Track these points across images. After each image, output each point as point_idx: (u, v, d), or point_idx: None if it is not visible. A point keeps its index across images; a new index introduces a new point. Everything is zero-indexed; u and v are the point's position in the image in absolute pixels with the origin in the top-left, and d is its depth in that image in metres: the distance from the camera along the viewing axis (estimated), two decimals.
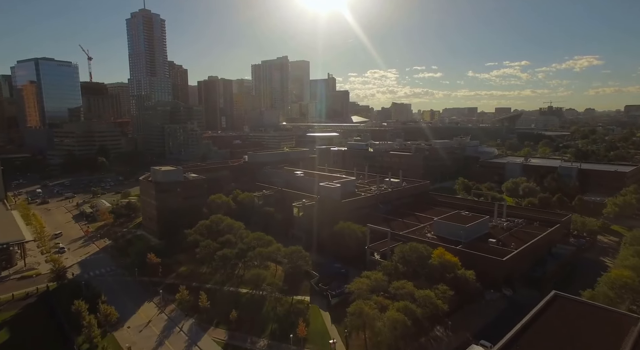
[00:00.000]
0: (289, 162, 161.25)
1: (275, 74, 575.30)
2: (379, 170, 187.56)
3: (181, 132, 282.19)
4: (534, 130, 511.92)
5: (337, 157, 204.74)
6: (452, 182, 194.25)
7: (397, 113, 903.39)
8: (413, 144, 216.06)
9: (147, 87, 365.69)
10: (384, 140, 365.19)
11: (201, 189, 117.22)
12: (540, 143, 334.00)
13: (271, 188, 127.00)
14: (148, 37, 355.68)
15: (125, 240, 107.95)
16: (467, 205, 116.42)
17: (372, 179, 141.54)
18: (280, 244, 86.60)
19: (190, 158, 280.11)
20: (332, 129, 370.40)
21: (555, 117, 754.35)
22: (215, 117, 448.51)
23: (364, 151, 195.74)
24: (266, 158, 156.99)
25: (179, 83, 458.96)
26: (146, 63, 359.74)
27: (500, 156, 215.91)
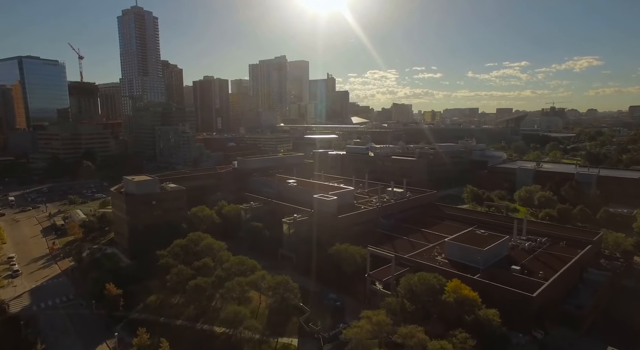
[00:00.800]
0: (283, 168, 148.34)
1: (274, 74, 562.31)
2: (380, 176, 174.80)
3: (172, 134, 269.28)
4: (538, 131, 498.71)
5: (336, 161, 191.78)
6: (458, 189, 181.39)
7: (398, 114, 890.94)
8: (416, 148, 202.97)
9: (139, 87, 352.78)
10: (384, 142, 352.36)
11: (180, 202, 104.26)
12: (547, 145, 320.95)
13: (260, 199, 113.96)
14: (140, 35, 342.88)
15: (91, 260, 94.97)
16: (479, 219, 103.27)
17: (373, 188, 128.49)
18: (264, 272, 73.55)
19: (181, 162, 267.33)
20: (331, 130, 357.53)
21: (558, 118, 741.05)
22: (210, 118, 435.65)
23: (364, 156, 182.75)
24: (257, 164, 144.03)
25: (173, 83, 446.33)
26: (138, 62, 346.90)
27: (509, 161, 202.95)
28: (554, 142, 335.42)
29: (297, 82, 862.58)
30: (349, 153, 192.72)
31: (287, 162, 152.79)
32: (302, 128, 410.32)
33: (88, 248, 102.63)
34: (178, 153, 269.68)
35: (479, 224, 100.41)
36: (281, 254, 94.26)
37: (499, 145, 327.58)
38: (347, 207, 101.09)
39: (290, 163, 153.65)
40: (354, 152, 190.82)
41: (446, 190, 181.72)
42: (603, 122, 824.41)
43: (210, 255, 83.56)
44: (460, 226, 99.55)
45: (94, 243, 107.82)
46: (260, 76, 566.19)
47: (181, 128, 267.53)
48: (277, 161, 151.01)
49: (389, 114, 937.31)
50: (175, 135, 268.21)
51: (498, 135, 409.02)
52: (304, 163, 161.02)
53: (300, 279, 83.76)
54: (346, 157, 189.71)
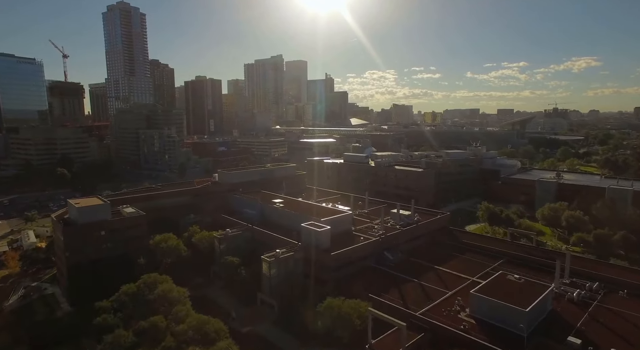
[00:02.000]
0: (271, 182, 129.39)
1: (270, 73, 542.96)
2: (382, 188, 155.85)
3: (157, 138, 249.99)
4: (543, 133, 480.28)
5: (332, 171, 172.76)
6: (468, 203, 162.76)
7: (398, 115, 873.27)
8: (422, 157, 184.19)
9: (125, 87, 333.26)
10: (385, 146, 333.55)
11: (139, 230, 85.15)
12: (558, 151, 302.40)
13: (240, 224, 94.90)
14: (126, 32, 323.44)
15: (21, 306, 75.77)
16: (505, 252, 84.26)
17: (374, 207, 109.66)
18: (230, 341, 54.53)
19: (166, 168, 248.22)
20: (329, 133, 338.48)
21: (562, 120, 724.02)
22: (203, 120, 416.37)
23: (363, 166, 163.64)
24: (241, 178, 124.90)
25: (164, 83, 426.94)
26: (124, 61, 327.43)
27: (524, 170, 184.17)
28: (565, 147, 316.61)
29: (296, 82, 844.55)
30: (347, 162, 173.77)
31: (275, 175, 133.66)
32: (299, 131, 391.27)
33: (24, 287, 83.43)
34: (163, 159, 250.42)
35: (504, 257, 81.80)
36: (261, 299, 75.35)
37: (507, 150, 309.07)
38: (343, 237, 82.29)
39: (280, 176, 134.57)
40: (352, 161, 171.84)
41: (456, 203, 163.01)
42: (607, 124, 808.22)
43: (166, 305, 64.85)
44: (483, 261, 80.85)
45: (35, 278, 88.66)
46: (255, 76, 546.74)
47: (166, 132, 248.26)
48: (264, 174, 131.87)
49: (388, 115, 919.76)
50: (160, 140, 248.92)
51: (503, 139, 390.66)
52: (296, 175, 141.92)
53: (283, 336, 64.99)
54: (344, 167, 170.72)
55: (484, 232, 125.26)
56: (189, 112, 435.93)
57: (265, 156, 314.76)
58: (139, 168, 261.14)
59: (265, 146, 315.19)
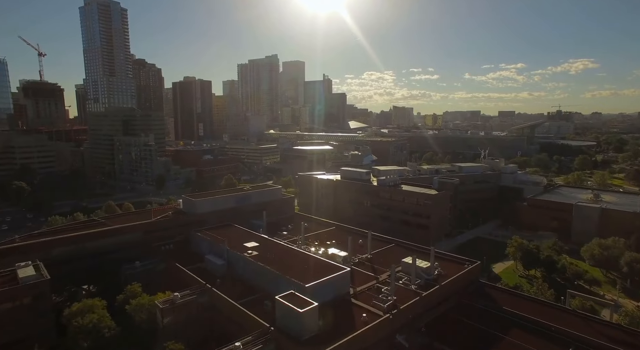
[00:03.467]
0: (250, 210, 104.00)
1: (264, 74, 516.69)
2: (386, 213, 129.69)
3: (133, 146, 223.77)
4: (551, 138, 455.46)
5: (327, 189, 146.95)
6: (488, 229, 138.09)
7: (398, 117, 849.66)
8: (431, 172, 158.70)
9: (104, 89, 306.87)
10: (386, 153, 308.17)
11: (40, 302, 59.10)
12: (576, 160, 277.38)
13: (196, 284, 69.15)
14: (105, 29, 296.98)
15: None
16: (565, 331, 58.35)
17: (379, 250, 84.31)
18: None
19: (143, 180, 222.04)
20: (326, 139, 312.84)
21: (568, 123, 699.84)
22: (191, 124, 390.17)
23: (364, 185, 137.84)
24: (211, 205, 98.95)
25: (151, 85, 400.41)
26: (103, 60, 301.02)
27: (551, 188, 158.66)
28: (583, 155, 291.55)
29: (293, 83, 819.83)
30: (345, 179, 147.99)
31: (255, 201, 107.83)
32: (294, 136, 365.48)
33: None
34: (140, 170, 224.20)
35: (567, 337, 56.21)
36: None
37: (519, 158, 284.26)
38: (336, 310, 56.82)
39: (261, 201, 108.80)
40: (351, 178, 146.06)
41: (474, 229, 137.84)
42: (611, 126, 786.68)
43: None
44: (539, 343, 55.32)
45: None
46: (249, 77, 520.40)
47: (143, 139, 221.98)
48: (241, 200, 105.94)
49: (388, 117, 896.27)
50: (136, 148, 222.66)
51: (512, 145, 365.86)
52: (282, 199, 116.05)
53: None
54: (341, 185, 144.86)
55: (518, 276, 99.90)
56: (176, 115, 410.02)
57: (256, 165, 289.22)
58: (114, 179, 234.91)
59: (256, 154, 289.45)
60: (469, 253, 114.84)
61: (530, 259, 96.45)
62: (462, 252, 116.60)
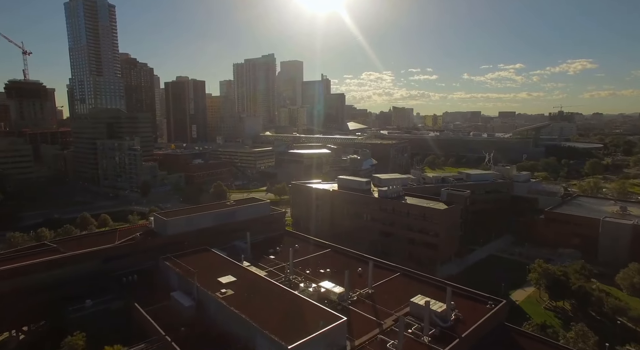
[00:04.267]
0: (233, 229, 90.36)
1: (261, 74, 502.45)
2: (388, 228, 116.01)
3: (117, 150, 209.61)
4: (555, 139, 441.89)
5: (323, 201, 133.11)
6: (501, 245, 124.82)
7: (398, 118, 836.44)
8: (437, 180, 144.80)
9: (90, 89, 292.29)
10: (387, 157, 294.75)
11: None
12: (587, 164, 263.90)
13: (155, 333, 55.27)
14: (91, 26, 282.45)
15: None
16: None
17: (383, 280, 70.75)
18: None
19: (127, 187, 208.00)
20: (324, 142, 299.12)
21: (571, 124, 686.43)
22: (184, 125, 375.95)
23: (363, 197, 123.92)
24: (186, 226, 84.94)
25: (142, 85, 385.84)
26: (89, 59, 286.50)
27: (568, 198, 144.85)
28: (594, 159, 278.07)
29: (291, 83, 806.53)
30: (343, 189, 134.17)
31: (239, 218, 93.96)
32: (290, 138, 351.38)
33: None
34: (124, 175, 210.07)
35: None
36: None
37: (526, 163, 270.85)
38: None
39: (247, 219, 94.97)
40: (349, 188, 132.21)
41: (484, 246, 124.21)
42: (614, 127, 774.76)
43: None
44: None
45: None
46: (245, 77, 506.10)
47: (127, 142, 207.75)
48: (222, 217, 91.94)
49: (387, 117, 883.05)
50: (120, 153, 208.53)
51: (517, 148, 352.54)
52: (270, 216, 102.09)
53: None
54: (338, 196, 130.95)
55: (544, 308, 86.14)
56: (169, 116, 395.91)
57: (250, 169, 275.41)
58: (98, 185, 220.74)
59: (250, 157, 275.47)
60: (483, 276, 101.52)
61: (558, 288, 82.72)
62: (475, 274, 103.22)
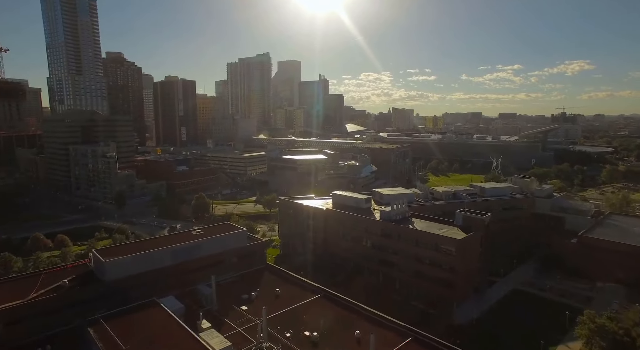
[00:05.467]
0: (196, 266, 70.95)
1: (255, 74, 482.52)
2: (392, 257, 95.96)
3: (90, 157, 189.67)
4: (561, 142, 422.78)
5: (316, 221, 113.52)
6: (525, 274, 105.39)
7: (397, 119, 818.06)
8: (447, 195, 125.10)
9: (69, 89, 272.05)
10: (387, 163, 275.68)
11: None
12: (603, 172, 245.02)
13: None
14: (70, 22, 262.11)
15: None
16: None
17: (388, 345, 51.12)
18: None
19: (101, 197, 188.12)
20: (320, 147, 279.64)
21: (576, 126, 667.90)
22: (173, 128, 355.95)
23: (362, 219, 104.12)
24: (133, 267, 65.17)
25: (129, 85, 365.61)
26: (67, 57, 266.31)
27: (602, 220, 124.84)
28: (610, 166, 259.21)
29: (288, 84, 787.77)
30: (338, 207, 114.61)
31: (207, 252, 74.31)
32: (284, 143, 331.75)
33: None
34: (99, 185, 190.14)
35: None
36: None
37: (538, 169, 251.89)
38: None
39: (216, 253, 75.36)
40: (345, 206, 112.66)
41: (506, 276, 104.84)
42: (618, 129, 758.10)
43: None
44: None
45: None
46: (240, 77, 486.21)
47: (101, 148, 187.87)
48: (184, 253, 72.07)
49: (387, 119, 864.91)
50: (93, 159, 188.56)
51: (524, 152, 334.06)
52: (247, 247, 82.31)
53: None
54: (333, 217, 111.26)
55: None
56: (157, 118, 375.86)
57: (240, 175, 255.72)
58: (70, 194, 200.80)
59: (240, 163, 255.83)
60: (511, 322, 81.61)
61: None
62: (501, 319, 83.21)
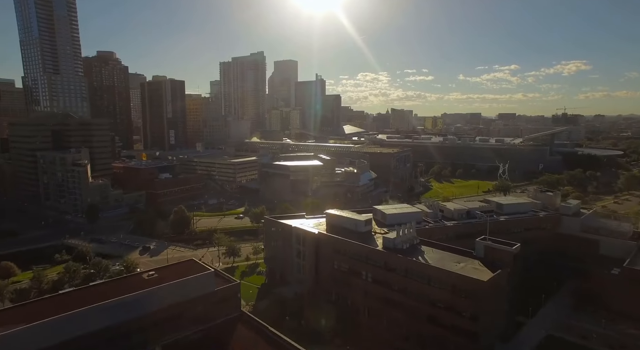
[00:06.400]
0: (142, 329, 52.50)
1: (249, 74, 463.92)
2: (398, 296, 76.78)
3: (59, 166, 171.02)
4: (567, 145, 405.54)
5: (307, 247, 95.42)
6: (558, 313, 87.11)
7: (396, 120, 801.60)
8: (459, 214, 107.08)
9: (44, 89, 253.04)
10: (387, 168, 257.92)
11: None
12: (622, 178, 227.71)
13: None
14: (45, 16, 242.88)
15: None
16: None
17: None
18: None
19: (72, 210, 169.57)
20: (316, 151, 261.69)
21: (579, 127, 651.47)
22: (161, 130, 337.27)
23: (362, 248, 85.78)
24: (45, 339, 46.85)
25: (115, 85, 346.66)
26: (43, 55, 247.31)
27: None
28: (628, 172, 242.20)
29: (285, 84, 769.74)
30: (333, 229, 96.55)
31: (158, 307, 55.85)
32: (279, 145, 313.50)
33: None
34: (69, 196, 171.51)
35: None
36: None
37: (549, 176, 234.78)
38: None
39: (173, 304, 57.09)
40: (341, 229, 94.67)
41: (535, 317, 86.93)
42: (620, 130, 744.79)
43: None
44: None
45: None
46: (233, 77, 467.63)
47: (71, 155, 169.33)
48: (125, 311, 53.69)
49: (385, 119, 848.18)
50: (63, 168, 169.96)
51: (531, 156, 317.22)
52: (213, 294, 63.86)
53: None
54: (326, 242, 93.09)
55: None
56: (145, 121, 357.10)
57: (229, 183, 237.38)
58: (39, 205, 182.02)
59: (229, 169, 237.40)
60: None
61: None
62: None
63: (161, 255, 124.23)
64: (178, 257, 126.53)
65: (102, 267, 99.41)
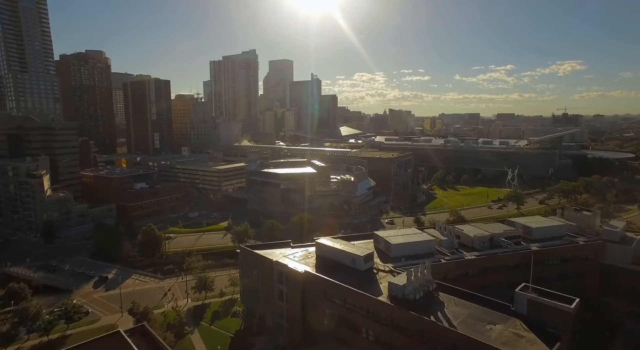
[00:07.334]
0: None
1: (241, 73, 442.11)
2: None
3: (11, 178, 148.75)
4: (573, 147, 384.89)
5: (290, 289, 74.27)
6: None
7: (394, 121, 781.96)
8: (482, 242, 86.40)
9: (10, 88, 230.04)
10: (387, 174, 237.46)
11: None
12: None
13: None
14: (8, 7, 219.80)
15: None
16: None
17: None
18: None
19: (26, 227, 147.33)
20: (310, 156, 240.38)
21: (582, 128, 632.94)
22: (145, 133, 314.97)
23: (362, 298, 64.51)
24: None
25: (96, 85, 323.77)
26: (7, 50, 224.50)
27: None
28: None
29: (281, 85, 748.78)
30: (325, 263, 75.74)
31: None
32: (270, 150, 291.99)
33: None
34: (23, 211, 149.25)
35: None
36: None
37: (566, 184, 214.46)
38: None
39: None
40: (334, 263, 73.99)
41: None
42: (622, 131, 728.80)
43: None
44: None
45: None
46: (224, 76, 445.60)
47: (25, 165, 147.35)
48: None
49: (383, 120, 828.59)
50: (14, 180, 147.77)
51: (539, 160, 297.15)
52: None
53: None
54: (315, 285, 72.02)
55: None
56: (129, 123, 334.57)
57: (214, 192, 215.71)
58: None
59: (214, 177, 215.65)
60: None
61: None
62: None
63: (119, 288, 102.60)
64: (140, 292, 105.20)
65: (30, 315, 77.53)
